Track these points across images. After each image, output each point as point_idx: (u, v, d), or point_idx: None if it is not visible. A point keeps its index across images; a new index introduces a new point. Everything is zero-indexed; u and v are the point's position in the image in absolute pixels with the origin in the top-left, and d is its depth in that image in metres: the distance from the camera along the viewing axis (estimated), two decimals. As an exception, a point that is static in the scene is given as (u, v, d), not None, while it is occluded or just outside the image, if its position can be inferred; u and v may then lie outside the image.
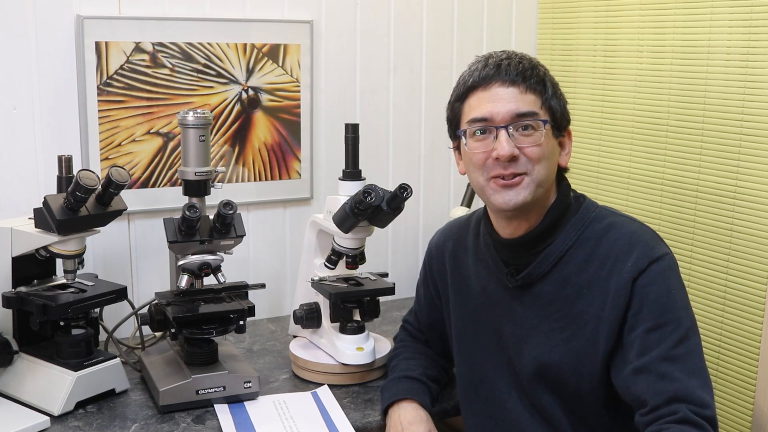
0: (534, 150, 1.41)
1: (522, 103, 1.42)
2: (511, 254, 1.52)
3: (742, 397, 1.93)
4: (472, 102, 1.46)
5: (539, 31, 2.55)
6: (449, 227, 1.75)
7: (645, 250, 1.39)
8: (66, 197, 1.61)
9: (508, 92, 1.42)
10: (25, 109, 1.92)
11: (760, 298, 1.87)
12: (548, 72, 1.49)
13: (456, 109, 1.50)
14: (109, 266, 2.07)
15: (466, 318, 1.63)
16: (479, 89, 1.45)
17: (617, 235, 1.44)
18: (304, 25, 2.20)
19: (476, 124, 1.44)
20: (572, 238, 1.46)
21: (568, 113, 1.50)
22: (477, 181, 1.48)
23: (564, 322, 1.45)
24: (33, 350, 1.71)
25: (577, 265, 1.45)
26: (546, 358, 1.46)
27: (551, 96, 1.45)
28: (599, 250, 1.43)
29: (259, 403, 1.70)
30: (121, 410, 1.66)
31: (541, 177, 1.43)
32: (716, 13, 1.94)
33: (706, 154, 1.98)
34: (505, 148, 1.40)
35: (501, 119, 1.41)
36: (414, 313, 1.84)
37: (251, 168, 2.19)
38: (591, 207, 1.50)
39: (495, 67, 1.44)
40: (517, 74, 1.43)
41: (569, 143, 1.52)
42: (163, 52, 2.03)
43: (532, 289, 1.49)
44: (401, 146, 2.42)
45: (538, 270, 1.48)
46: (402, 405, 1.62)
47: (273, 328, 2.20)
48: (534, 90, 1.43)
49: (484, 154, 1.43)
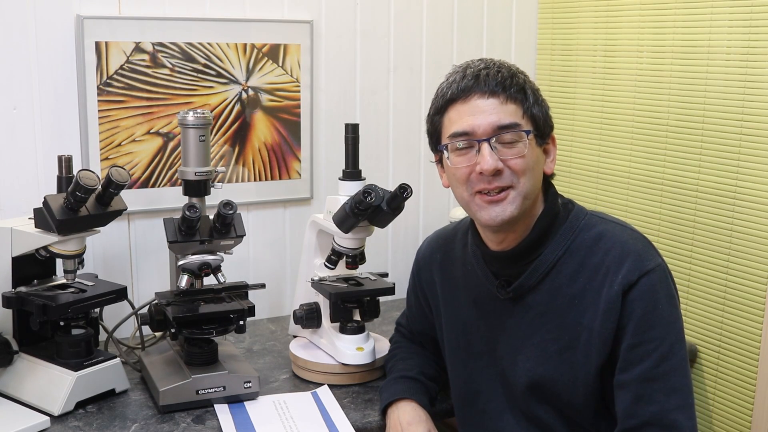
0: (518, 162, 1.38)
1: (503, 115, 1.38)
2: (500, 266, 1.50)
3: (742, 397, 1.93)
4: (452, 115, 1.43)
5: (539, 31, 2.55)
6: (436, 238, 1.73)
7: (636, 263, 1.37)
8: (66, 197, 1.61)
9: (488, 104, 1.39)
10: (25, 109, 1.92)
11: (760, 298, 1.87)
12: (528, 78, 1.44)
13: (436, 122, 1.47)
14: (109, 266, 2.07)
15: (457, 330, 1.61)
16: (458, 102, 1.41)
17: (609, 245, 1.41)
18: (304, 25, 2.20)
19: (458, 138, 1.41)
20: (562, 248, 1.44)
21: (551, 119, 1.46)
22: (462, 196, 1.45)
23: (557, 333, 1.43)
24: (33, 350, 1.71)
25: (568, 275, 1.43)
26: (540, 370, 1.45)
27: (533, 104, 1.42)
28: (590, 260, 1.41)
29: (259, 403, 1.70)
30: (121, 410, 1.66)
31: (527, 189, 1.40)
32: (716, 13, 1.94)
33: (706, 154, 1.98)
34: (489, 162, 1.37)
35: (482, 132, 1.38)
36: (406, 317, 1.84)
37: (251, 168, 2.19)
38: (580, 214, 1.48)
39: (473, 78, 1.40)
40: (497, 84, 1.39)
41: (554, 150, 1.49)
42: (163, 52, 2.03)
43: (524, 300, 1.47)
44: (401, 146, 2.42)
45: (528, 281, 1.46)
46: (400, 405, 1.62)
47: (273, 328, 2.20)
48: (515, 99, 1.40)
49: (468, 168, 1.41)
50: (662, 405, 1.33)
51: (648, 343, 1.35)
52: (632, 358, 1.35)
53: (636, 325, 1.35)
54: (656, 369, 1.34)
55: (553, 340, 1.44)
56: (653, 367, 1.34)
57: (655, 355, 1.34)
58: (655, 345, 1.35)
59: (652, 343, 1.35)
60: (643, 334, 1.35)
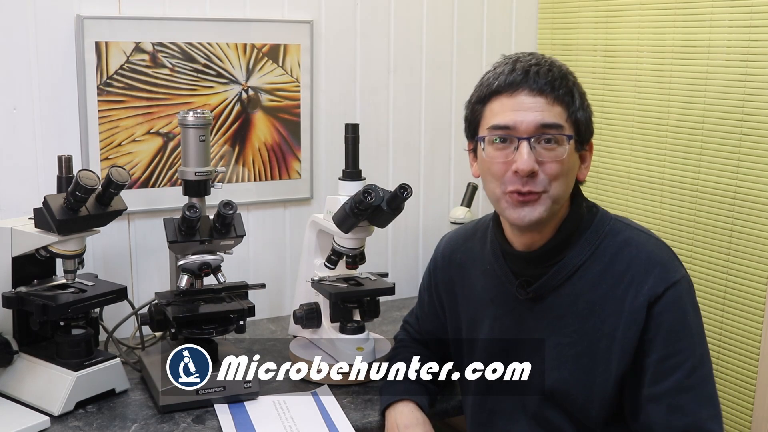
0: (554, 166, 1.35)
1: (548, 115, 1.34)
2: (522, 266, 1.48)
3: (742, 397, 1.93)
4: (495, 107, 1.38)
5: (539, 31, 2.55)
6: (456, 236, 1.70)
7: (662, 274, 1.36)
8: (66, 197, 1.61)
9: (535, 102, 1.35)
10: (25, 109, 1.92)
11: (760, 298, 1.87)
12: (577, 81, 1.41)
13: (477, 111, 1.42)
14: (109, 266, 2.07)
15: (473, 329, 1.59)
16: (504, 95, 1.37)
17: (634, 253, 1.39)
18: (304, 25, 2.20)
19: (497, 132, 1.37)
20: (587, 253, 1.42)
21: (593, 125, 1.43)
22: (493, 191, 1.42)
23: (574, 338, 1.42)
24: (33, 350, 1.71)
25: (590, 281, 1.41)
26: (555, 373, 1.43)
27: (578, 108, 1.38)
28: (614, 267, 1.40)
29: (259, 403, 1.70)
30: (121, 410, 1.66)
31: (559, 194, 1.38)
32: (716, 13, 1.94)
33: (706, 154, 1.98)
34: (526, 162, 1.33)
35: (524, 130, 1.34)
36: (415, 315, 1.81)
37: (251, 168, 2.19)
38: (605, 219, 1.46)
39: (523, 73, 1.36)
40: (546, 83, 1.35)
41: (590, 156, 1.46)
42: (163, 52, 2.03)
43: (543, 302, 1.45)
44: (401, 146, 2.42)
45: (550, 283, 1.44)
46: (399, 407, 1.60)
47: (273, 328, 2.20)
48: (562, 101, 1.36)
49: (504, 165, 1.37)
50: (696, 416, 1.33)
51: (679, 354, 1.34)
52: (664, 370, 1.34)
53: (665, 336, 1.34)
54: (688, 380, 1.33)
55: (571, 344, 1.42)
56: (685, 377, 1.33)
57: (686, 366, 1.34)
58: (686, 356, 1.34)
59: (682, 354, 1.34)
60: (674, 345, 1.34)
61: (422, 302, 1.77)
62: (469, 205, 2.38)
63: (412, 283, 2.31)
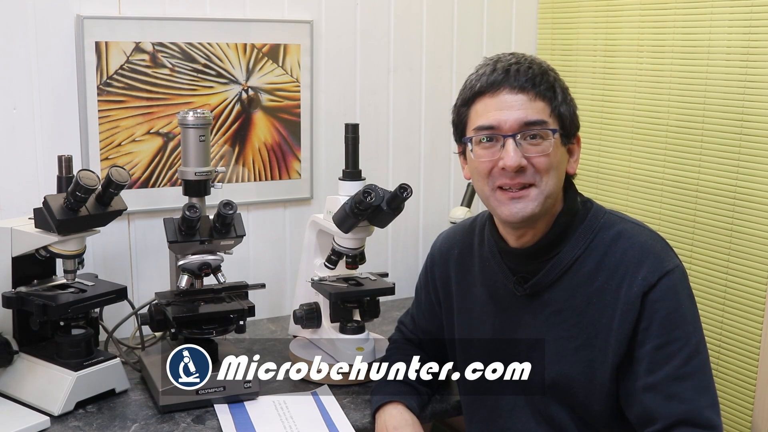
0: (542, 160, 1.37)
1: (531, 111, 1.37)
2: (518, 262, 1.49)
3: (742, 397, 1.93)
4: (479, 108, 1.41)
5: (539, 31, 2.55)
6: (453, 233, 1.71)
7: (656, 264, 1.37)
8: (66, 197, 1.61)
9: (517, 99, 1.38)
10: (25, 109, 1.92)
11: (760, 298, 1.87)
12: (558, 76, 1.43)
13: (462, 114, 1.45)
14: (109, 266, 2.07)
15: (471, 326, 1.60)
16: (487, 95, 1.40)
17: (627, 244, 1.41)
18: (304, 25, 2.20)
19: (483, 132, 1.40)
20: (581, 247, 1.43)
21: (578, 119, 1.45)
22: (482, 190, 1.44)
23: (574, 332, 1.43)
24: (33, 350, 1.71)
25: (586, 274, 1.42)
26: (556, 367, 1.44)
27: (561, 102, 1.40)
28: (609, 259, 1.41)
29: (259, 403, 1.70)
30: (121, 410, 1.66)
31: (550, 188, 1.40)
32: (716, 13, 1.94)
33: (706, 154, 1.98)
34: (513, 158, 1.36)
35: (509, 128, 1.37)
36: (411, 315, 1.81)
37: (251, 168, 2.19)
38: (599, 213, 1.47)
39: (503, 73, 1.39)
40: (527, 80, 1.38)
41: (578, 150, 1.48)
42: (163, 52, 2.03)
43: (541, 298, 1.47)
44: (401, 146, 2.42)
45: (546, 278, 1.45)
46: (388, 409, 1.60)
47: (273, 328, 2.20)
48: (543, 97, 1.39)
49: (491, 162, 1.40)
50: (694, 403, 1.33)
51: (674, 343, 1.35)
52: (659, 359, 1.35)
53: (660, 325, 1.35)
54: (684, 368, 1.34)
55: (571, 338, 1.43)
56: (681, 365, 1.34)
57: (682, 354, 1.34)
58: (681, 344, 1.35)
59: (678, 342, 1.35)
60: (669, 333, 1.35)
61: (419, 300, 1.78)
62: (469, 205, 2.38)
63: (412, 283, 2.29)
